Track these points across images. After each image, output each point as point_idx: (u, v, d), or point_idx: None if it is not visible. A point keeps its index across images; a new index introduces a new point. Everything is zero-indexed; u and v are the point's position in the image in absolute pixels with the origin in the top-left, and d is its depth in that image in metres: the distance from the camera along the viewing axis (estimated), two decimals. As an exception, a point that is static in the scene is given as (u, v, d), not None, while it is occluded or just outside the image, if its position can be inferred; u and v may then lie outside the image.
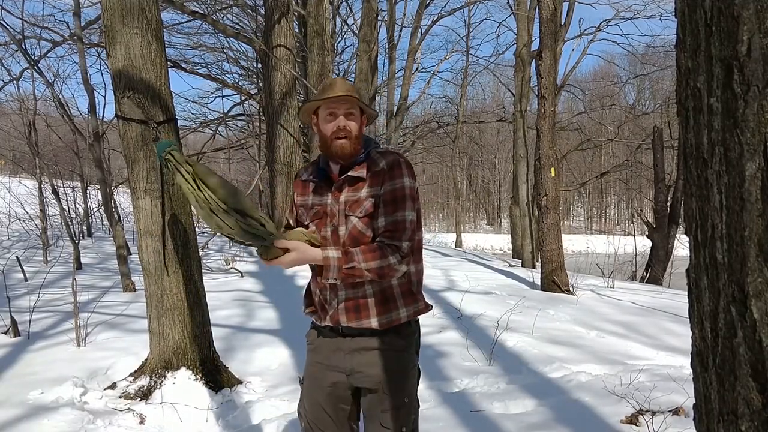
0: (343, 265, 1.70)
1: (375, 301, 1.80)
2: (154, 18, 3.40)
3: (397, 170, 1.78)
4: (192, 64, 15.93)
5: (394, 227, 1.74)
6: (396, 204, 1.76)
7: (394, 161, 1.80)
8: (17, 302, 4.93)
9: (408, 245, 1.74)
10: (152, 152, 3.36)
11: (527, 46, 13.13)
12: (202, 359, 3.56)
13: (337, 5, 17.03)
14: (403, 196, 1.77)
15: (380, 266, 1.70)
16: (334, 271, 1.71)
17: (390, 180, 1.77)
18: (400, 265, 1.73)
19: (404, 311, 1.82)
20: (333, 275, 1.71)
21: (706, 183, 0.89)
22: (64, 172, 13.42)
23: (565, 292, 7.08)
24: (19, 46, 7.84)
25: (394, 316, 1.81)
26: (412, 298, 1.85)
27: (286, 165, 9.90)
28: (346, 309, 1.82)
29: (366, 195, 1.78)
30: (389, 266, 1.71)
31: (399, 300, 1.83)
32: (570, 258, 12.35)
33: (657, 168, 11.66)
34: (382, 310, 1.80)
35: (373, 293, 1.80)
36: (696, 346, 0.96)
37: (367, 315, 1.80)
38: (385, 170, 1.78)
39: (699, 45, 0.88)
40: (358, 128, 1.83)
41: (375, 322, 1.80)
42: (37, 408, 3.14)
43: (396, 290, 1.82)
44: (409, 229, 1.76)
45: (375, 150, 1.86)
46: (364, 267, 1.69)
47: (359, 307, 1.81)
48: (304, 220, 1.92)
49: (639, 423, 3.02)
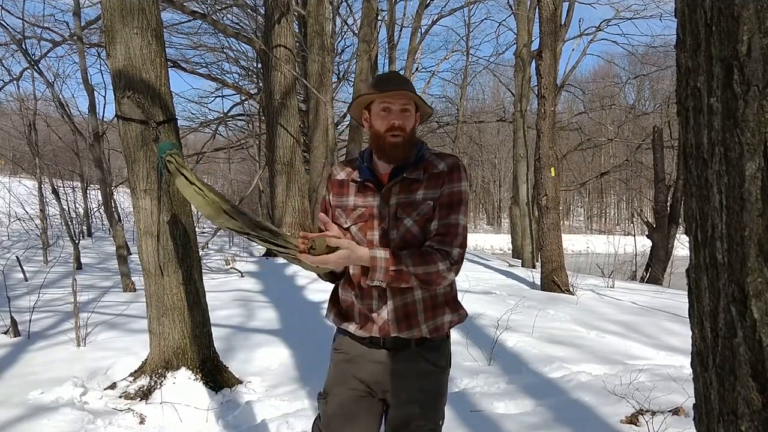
0: (390, 266, 1.60)
1: (423, 307, 1.73)
2: (154, 18, 3.40)
3: (456, 173, 1.71)
4: (192, 64, 15.94)
5: (447, 231, 1.66)
6: (452, 208, 1.68)
7: (454, 164, 1.73)
8: (17, 302, 4.93)
9: (458, 252, 1.66)
10: (152, 152, 3.36)
11: (527, 46, 13.14)
12: (202, 359, 3.56)
13: (337, 5, 17.04)
14: (459, 200, 1.70)
15: (428, 272, 1.61)
16: (380, 272, 1.60)
17: (449, 183, 1.70)
18: (449, 272, 1.64)
19: (449, 317, 1.77)
20: (379, 276, 1.60)
21: (706, 183, 0.89)
22: (64, 172, 13.42)
23: (565, 292, 7.08)
24: (19, 46, 7.84)
25: (439, 322, 1.74)
26: (456, 305, 1.81)
27: (286, 165, 9.90)
28: (396, 319, 1.72)
29: (423, 197, 1.69)
30: (437, 273, 1.62)
31: (446, 306, 1.77)
32: (570, 258, 12.35)
33: (657, 168, 11.66)
34: (430, 316, 1.73)
35: (422, 298, 1.72)
36: (696, 346, 0.96)
37: (417, 322, 1.72)
38: (445, 172, 1.71)
39: (699, 45, 0.88)
40: (412, 126, 1.73)
41: (425, 329, 1.72)
42: (37, 408, 3.14)
43: (441, 297, 1.76)
44: (461, 235, 1.68)
45: (428, 151, 1.78)
46: (412, 271, 1.60)
47: (409, 314, 1.72)
48: (342, 222, 1.78)
49: (639, 423, 3.02)
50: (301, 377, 3.82)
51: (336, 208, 1.81)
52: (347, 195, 1.80)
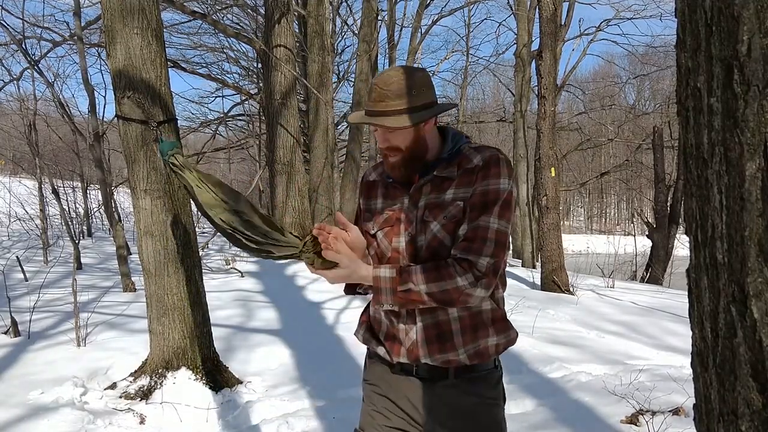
0: (397, 287, 1.36)
1: (461, 327, 1.45)
2: (154, 18, 3.40)
3: (494, 168, 1.42)
4: (192, 64, 15.95)
5: (474, 236, 1.38)
6: (484, 208, 1.39)
7: (492, 157, 1.44)
8: (17, 302, 4.93)
9: (488, 262, 1.36)
10: (152, 152, 3.36)
11: (527, 46, 13.14)
12: (202, 359, 3.56)
13: (337, 5, 17.04)
14: (495, 200, 1.40)
15: (444, 289, 1.34)
16: (387, 294, 1.38)
17: (484, 179, 1.41)
18: (474, 287, 1.35)
19: (494, 339, 1.48)
20: (387, 299, 1.39)
21: (706, 183, 0.89)
22: (65, 172, 13.42)
23: (565, 292, 7.09)
24: (19, 46, 7.85)
25: (482, 345, 1.46)
26: (504, 325, 1.51)
27: (286, 165, 9.90)
28: (426, 340, 1.46)
29: (452, 197, 1.44)
30: (457, 289, 1.34)
31: (490, 327, 1.48)
32: (570, 258, 12.35)
33: (657, 168, 11.67)
34: (470, 339, 1.45)
35: (458, 317, 1.45)
36: (696, 346, 0.96)
37: (453, 346, 1.45)
38: (480, 167, 1.43)
39: (699, 45, 0.88)
40: (411, 140, 1.45)
41: (463, 354, 1.45)
42: (37, 408, 3.14)
43: (486, 315, 1.48)
44: (494, 241, 1.37)
45: (467, 145, 1.50)
46: (423, 290, 1.35)
47: (443, 335, 1.45)
48: (369, 228, 1.57)
49: (639, 423, 3.02)
50: (301, 377, 3.82)
51: (365, 213, 1.62)
52: (376, 197, 1.60)
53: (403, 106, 1.41)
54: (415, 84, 1.42)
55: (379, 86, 1.43)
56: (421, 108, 1.43)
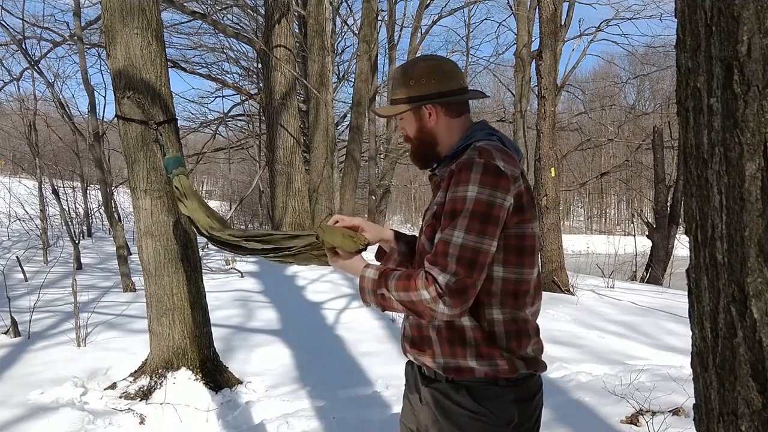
0: (376, 289, 1.34)
1: (439, 336, 1.37)
2: (154, 18, 3.40)
3: (464, 174, 1.28)
4: (192, 64, 15.94)
5: (438, 248, 1.28)
6: (449, 219, 1.28)
7: (466, 162, 1.30)
8: (17, 302, 4.93)
9: (449, 280, 1.23)
10: (152, 152, 3.36)
11: (527, 46, 13.13)
12: (202, 359, 3.56)
13: (337, 5, 17.04)
14: (460, 210, 1.26)
15: (410, 300, 1.27)
16: (369, 294, 1.37)
17: (454, 185, 1.29)
18: (436, 304, 1.24)
19: (473, 363, 1.34)
20: (368, 299, 1.37)
21: (706, 183, 0.89)
22: (64, 172, 13.41)
23: (565, 292, 7.09)
24: (19, 46, 7.84)
25: (463, 364, 1.35)
26: (489, 351, 1.34)
27: (286, 165, 9.90)
28: (411, 337, 1.45)
29: (435, 201, 1.39)
30: (421, 302, 1.26)
31: (469, 347, 1.34)
32: (570, 258, 12.34)
33: (657, 168, 11.67)
34: (447, 351, 1.37)
35: (437, 326, 1.37)
36: (696, 346, 0.96)
37: (431, 353, 1.39)
38: (454, 172, 1.32)
39: (699, 45, 0.88)
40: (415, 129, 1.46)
41: (437, 363, 1.38)
42: (37, 408, 3.14)
43: (468, 333, 1.34)
44: (454, 256, 1.24)
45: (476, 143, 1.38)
46: (395, 298, 1.30)
47: (421, 339, 1.42)
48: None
49: (639, 423, 3.02)
50: (301, 377, 3.82)
51: None
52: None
53: (401, 96, 1.45)
54: (414, 75, 1.43)
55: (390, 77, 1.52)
56: (417, 99, 1.43)
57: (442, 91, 1.42)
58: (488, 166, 1.28)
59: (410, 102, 1.44)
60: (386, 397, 3.49)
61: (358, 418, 3.18)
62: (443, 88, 1.42)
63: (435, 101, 1.42)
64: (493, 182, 1.27)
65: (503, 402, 1.34)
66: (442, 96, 1.42)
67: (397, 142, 17.67)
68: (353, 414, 3.24)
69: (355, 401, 3.45)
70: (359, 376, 3.85)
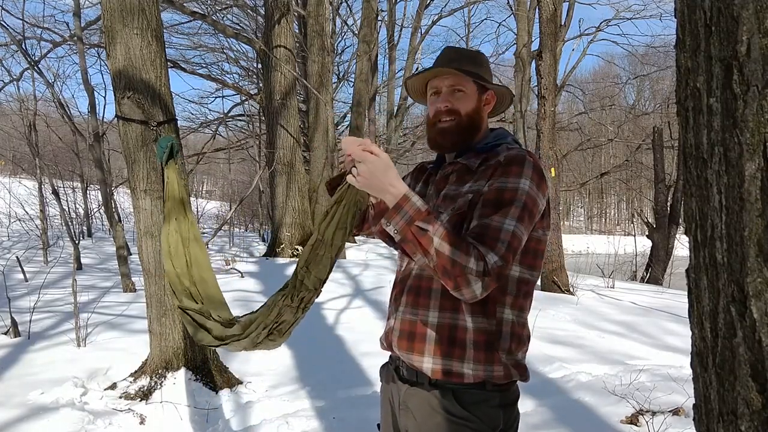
0: (417, 220, 1.18)
1: (435, 336, 1.32)
2: (154, 18, 3.40)
3: (515, 167, 1.29)
4: (192, 65, 15.96)
5: (483, 232, 1.22)
6: (498, 207, 1.25)
7: (517, 156, 1.31)
8: (17, 303, 4.93)
9: (496, 262, 1.18)
10: (152, 152, 3.36)
11: (527, 47, 13.13)
12: (202, 359, 3.56)
13: (337, 5, 17.04)
14: (511, 199, 1.25)
15: (453, 259, 1.16)
16: (402, 218, 1.18)
17: (503, 176, 1.29)
18: (477, 280, 1.16)
19: (469, 368, 1.30)
20: (397, 222, 1.19)
21: (706, 183, 0.89)
22: (64, 173, 13.42)
23: (566, 293, 7.09)
24: (19, 46, 7.85)
25: (455, 369, 1.30)
26: (487, 356, 1.30)
27: (286, 165, 9.91)
28: (401, 332, 1.38)
29: (467, 190, 1.33)
30: (463, 269, 1.16)
31: (468, 349, 1.30)
32: (570, 258, 12.35)
33: (657, 168, 11.67)
34: (440, 351, 1.31)
35: (436, 324, 1.32)
36: (696, 346, 0.96)
37: (421, 350, 1.34)
38: (501, 163, 1.31)
39: (699, 45, 0.88)
40: (471, 108, 1.42)
41: (428, 363, 1.32)
42: (37, 408, 3.14)
43: (469, 335, 1.30)
44: (505, 242, 1.20)
45: (507, 146, 1.40)
46: (436, 242, 1.16)
47: (414, 335, 1.35)
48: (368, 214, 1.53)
49: (639, 423, 3.02)
50: (301, 377, 3.82)
51: None
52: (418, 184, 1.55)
53: (475, 71, 1.44)
54: (484, 62, 1.48)
55: (452, 50, 1.48)
56: (489, 82, 1.46)
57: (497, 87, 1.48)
58: (537, 167, 1.32)
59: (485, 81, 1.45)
60: (386, 397, 3.49)
61: (358, 418, 3.18)
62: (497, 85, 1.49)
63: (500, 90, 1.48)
64: (539, 182, 1.31)
65: (489, 407, 1.31)
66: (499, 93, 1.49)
67: (397, 142, 17.68)
68: (353, 414, 3.24)
69: (355, 401, 3.45)
70: (359, 376, 3.86)
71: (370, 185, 1.21)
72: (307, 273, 1.46)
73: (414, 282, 1.39)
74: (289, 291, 1.46)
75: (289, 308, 1.46)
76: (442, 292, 1.33)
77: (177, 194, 2.41)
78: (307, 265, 1.46)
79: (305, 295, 1.46)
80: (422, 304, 1.35)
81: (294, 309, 1.47)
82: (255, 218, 18.01)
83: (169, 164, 2.63)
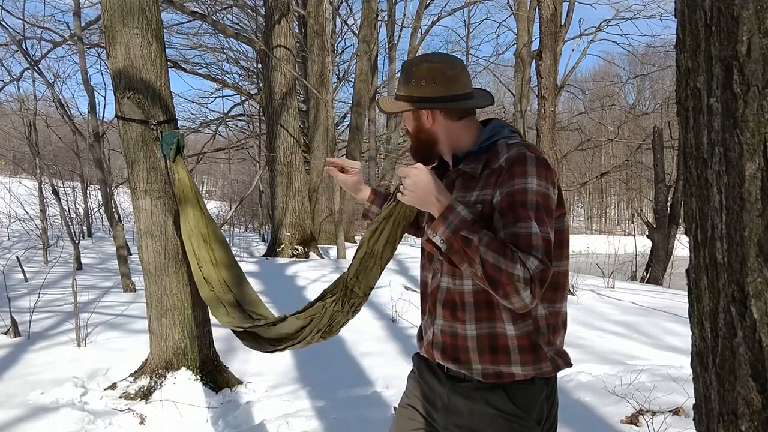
0: (463, 229, 1.20)
1: (478, 346, 1.34)
2: (154, 18, 3.40)
3: (518, 168, 1.28)
4: (192, 65, 15.95)
5: (515, 241, 1.22)
6: (514, 212, 1.25)
7: (518, 156, 1.30)
8: (17, 302, 4.93)
9: (538, 266, 1.19)
10: (152, 152, 3.36)
11: (527, 47, 13.12)
12: (202, 359, 3.56)
13: (337, 5, 17.04)
14: (523, 202, 1.25)
15: (499, 267, 1.18)
16: (448, 228, 1.22)
17: (509, 180, 1.28)
18: (524, 287, 1.18)
19: (518, 369, 1.33)
20: (443, 233, 1.22)
21: (706, 183, 0.89)
22: (65, 173, 13.41)
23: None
24: (19, 46, 7.84)
25: (504, 370, 1.33)
26: (534, 356, 1.34)
27: (286, 165, 9.91)
28: (442, 346, 1.40)
29: (475, 199, 1.33)
30: (510, 276, 1.17)
31: (513, 354, 1.33)
32: (570, 258, 12.33)
33: (657, 168, 11.67)
34: (487, 360, 1.34)
35: (476, 336, 1.34)
36: (696, 346, 0.96)
37: (467, 360, 1.35)
38: (503, 168, 1.30)
39: (699, 45, 0.88)
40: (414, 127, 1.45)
41: (477, 371, 1.34)
42: (37, 408, 3.14)
43: (512, 341, 1.32)
44: (539, 248, 1.21)
45: (505, 140, 1.38)
46: (482, 252, 1.18)
47: (457, 348, 1.37)
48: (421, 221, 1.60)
49: (639, 423, 3.02)
50: (301, 377, 3.82)
51: None
52: None
53: (403, 93, 1.45)
54: (416, 75, 1.42)
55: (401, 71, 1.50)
56: (416, 100, 1.43)
57: (442, 96, 1.41)
58: (540, 160, 1.31)
59: (411, 102, 1.43)
60: (386, 397, 3.49)
61: (358, 418, 3.18)
62: (445, 92, 1.41)
63: (433, 106, 1.42)
64: (546, 174, 1.30)
65: (537, 401, 1.35)
66: (442, 101, 1.41)
67: (398, 142, 17.68)
68: (353, 414, 3.24)
69: (355, 401, 3.45)
70: (359, 376, 3.86)
71: (416, 198, 1.28)
72: (357, 282, 1.59)
73: (447, 296, 1.40)
74: (339, 298, 1.60)
75: (340, 313, 1.61)
76: (476, 304, 1.34)
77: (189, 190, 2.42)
78: (357, 275, 1.58)
79: (355, 301, 1.61)
80: (459, 318, 1.37)
81: (345, 313, 1.62)
82: (255, 218, 18.01)
83: (177, 160, 2.64)
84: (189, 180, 2.39)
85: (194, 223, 2.27)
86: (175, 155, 2.50)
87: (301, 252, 9.50)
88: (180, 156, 2.47)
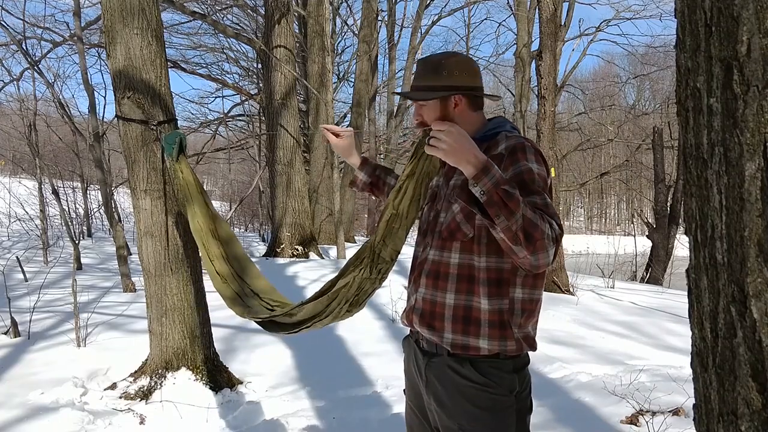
0: (503, 185, 1.22)
1: (452, 315, 1.46)
2: (154, 18, 3.40)
3: (519, 153, 1.41)
4: (192, 65, 15.95)
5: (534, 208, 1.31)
6: (527, 188, 1.34)
7: (517, 144, 1.44)
8: (17, 303, 4.93)
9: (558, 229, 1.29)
10: (152, 152, 3.36)
11: (527, 47, 13.12)
12: (202, 359, 3.56)
13: (337, 6, 17.04)
14: (532, 179, 1.37)
15: (534, 222, 1.23)
16: (490, 180, 1.22)
17: (512, 164, 1.40)
18: (552, 246, 1.26)
19: (485, 343, 1.43)
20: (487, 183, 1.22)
21: (706, 183, 0.89)
22: (65, 173, 13.41)
23: (566, 293, 7.08)
24: (19, 46, 7.84)
25: (471, 343, 1.44)
26: (501, 332, 1.43)
27: (286, 165, 9.90)
28: (422, 311, 1.52)
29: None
30: (542, 232, 1.23)
31: (483, 327, 1.43)
32: (570, 258, 12.35)
33: (657, 168, 11.67)
34: (458, 329, 1.45)
35: (453, 305, 1.46)
36: (696, 346, 0.96)
37: (441, 327, 1.47)
38: (504, 155, 1.43)
39: (699, 45, 0.88)
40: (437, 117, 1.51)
41: (448, 339, 1.46)
42: (37, 408, 3.14)
43: (484, 315, 1.43)
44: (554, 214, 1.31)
45: (506, 133, 1.52)
46: (522, 207, 1.22)
47: (434, 314, 1.49)
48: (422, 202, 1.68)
49: (639, 423, 3.02)
50: (301, 377, 3.82)
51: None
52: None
53: (431, 83, 1.53)
54: (446, 66, 1.52)
55: (419, 64, 1.57)
56: (449, 88, 1.51)
57: (472, 86, 1.54)
58: (536, 150, 1.46)
59: (441, 90, 1.52)
60: (386, 397, 3.49)
61: (358, 418, 3.18)
62: (472, 83, 1.54)
63: (466, 93, 1.53)
64: (543, 162, 1.44)
65: (504, 372, 1.45)
66: (473, 90, 1.54)
67: (397, 142, 17.68)
68: (353, 414, 3.24)
69: (355, 401, 3.45)
70: (359, 376, 3.85)
71: (453, 151, 1.26)
72: (384, 246, 1.60)
73: (432, 267, 1.51)
74: (366, 264, 1.60)
75: (368, 280, 1.61)
76: (458, 276, 1.46)
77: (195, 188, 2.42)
78: (383, 238, 1.59)
79: (383, 267, 1.62)
80: (441, 287, 1.48)
81: (373, 280, 1.62)
82: (255, 218, 18.01)
83: (180, 158, 2.63)
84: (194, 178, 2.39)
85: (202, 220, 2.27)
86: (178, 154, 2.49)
87: (301, 252, 9.51)
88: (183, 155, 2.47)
